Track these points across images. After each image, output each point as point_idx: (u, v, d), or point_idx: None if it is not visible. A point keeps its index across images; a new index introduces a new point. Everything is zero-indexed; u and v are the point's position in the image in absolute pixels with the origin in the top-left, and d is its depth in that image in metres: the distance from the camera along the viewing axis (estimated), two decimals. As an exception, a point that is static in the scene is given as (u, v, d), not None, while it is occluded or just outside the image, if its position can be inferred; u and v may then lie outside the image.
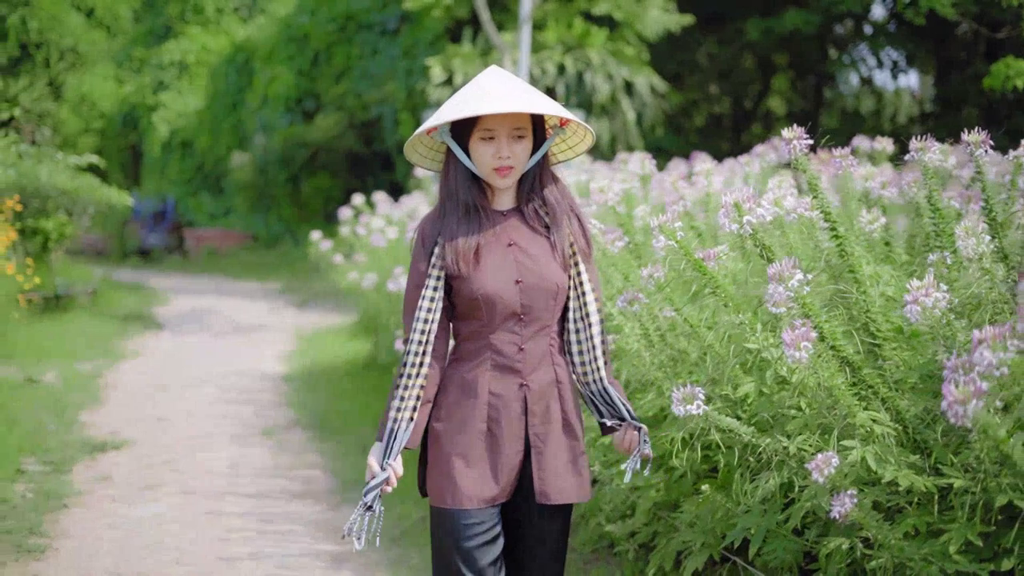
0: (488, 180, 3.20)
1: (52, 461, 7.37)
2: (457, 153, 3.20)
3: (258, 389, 10.40)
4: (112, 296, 17.68)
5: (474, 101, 3.10)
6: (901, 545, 2.88)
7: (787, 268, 3.05)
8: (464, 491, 3.17)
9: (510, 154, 3.14)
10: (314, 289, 18.51)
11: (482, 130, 3.14)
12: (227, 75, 31.40)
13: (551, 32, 19.81)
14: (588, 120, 19.31)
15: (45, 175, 15.53)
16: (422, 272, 3.19)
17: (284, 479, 7.20)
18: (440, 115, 3.15)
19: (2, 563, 5.41)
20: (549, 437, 3.21)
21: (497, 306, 3.17)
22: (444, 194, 3.25)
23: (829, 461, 2.83)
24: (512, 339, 3.20)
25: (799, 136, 3.56)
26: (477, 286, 3.15)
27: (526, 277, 3.18)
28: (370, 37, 25.32)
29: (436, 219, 3.24)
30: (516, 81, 3.21)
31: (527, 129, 3.18)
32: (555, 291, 3.20)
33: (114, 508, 6.48)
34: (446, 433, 3.22)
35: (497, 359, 3.20)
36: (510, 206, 3.27)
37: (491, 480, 3.19)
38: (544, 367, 3.23)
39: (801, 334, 2.90)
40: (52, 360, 11.21)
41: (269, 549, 5.81)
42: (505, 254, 3.20)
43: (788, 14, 20.14)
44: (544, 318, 3.22)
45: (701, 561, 4.06)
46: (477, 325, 3.21)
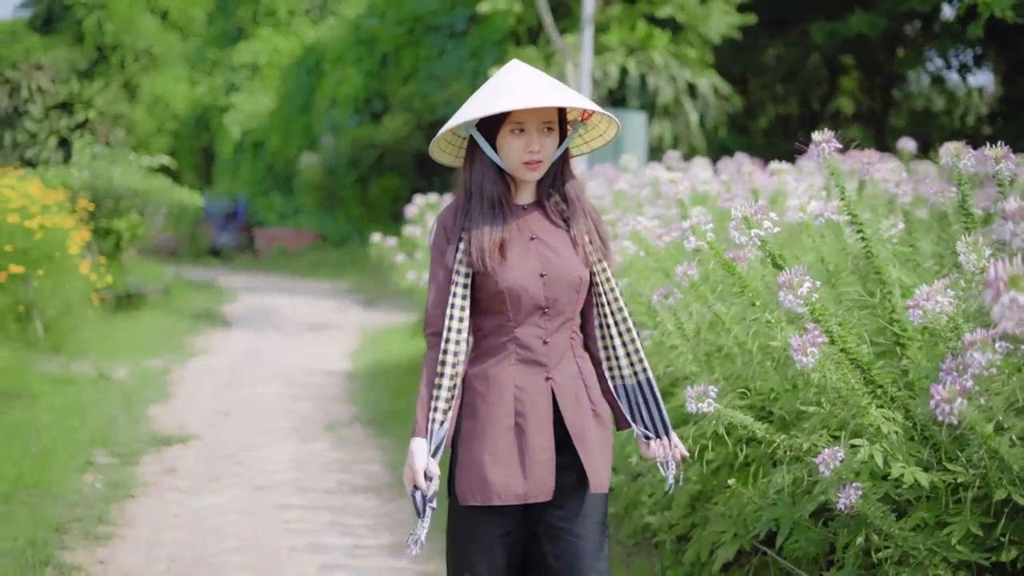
0: (516, 174, 3.21)
1: (121, 453, 7.61)
2: (484, 148, 3.21)
3: (321, 385, 10.63)
4: (183, 294, 18.03)
5: (504, 96, 3.10)
6: (906, 536, 2.98)
7: (796, 276, 3.15)
8: (494, 488, 3.15)
9: (540, 147, 3.16)
10: (379, 288, 18.75)
11: (512, 124, 3.15)
12: (298, 76, 31.77)
13: (614, 35, 19.91)
14: (651, 122, 19.40)
15: (118, 176, 15.90)
16: (448, 267, 3.20)
17: (344, 473, 7.39)
18: (470, 110, 3.16)
19: (72, 549, 5.63)
20: (585, 427, 3.21)
21: (522, 300, 3.17)
22: (468, 188, 3.25)
23: (835, 456, 2.95)
24: (537, 332, 3.20)
25: (828, 139, 3.64)
26: (502, 280, 3.16)
27: (550, 270, 3.19)
28: (438, 39, 25.55)
29: (457, 213, 3.25)
30: (541, 75, 3.23)
31: (555, 122, 3.20)
32: (578, 284, 3.21)
33: (179, 499, 6.70)
34: (473, 430, 3.21)
35: (522, 353, 3.20)
36: (530, 200, 3.29)
37: (520, 476, 3.16)
38: (567, 360, 3.24)
39: (808, 339, 3.01)
40: (123, 357, 11.51)
41: (328, 540, 5.99)
42: (528, 247, 3.21)
43: (853, 17, 20.08)
44: (567, 311, 3.23)
45: (732, 552, 4.17)
46: (501, 319, 3.20)
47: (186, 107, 37.78)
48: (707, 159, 7.06)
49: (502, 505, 3.18)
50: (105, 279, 13.42)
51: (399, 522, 6.29)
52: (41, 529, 5.74)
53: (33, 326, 11.19)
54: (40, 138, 20.45)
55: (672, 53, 20.10)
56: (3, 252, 10.60)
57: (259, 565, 5.57)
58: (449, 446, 3.25)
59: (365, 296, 19.05)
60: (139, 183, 16.11)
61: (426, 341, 3.24)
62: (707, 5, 20.22)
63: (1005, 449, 2.75)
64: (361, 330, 14.63)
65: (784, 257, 3.62)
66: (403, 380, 10.47)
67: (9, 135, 21.05)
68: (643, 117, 16.56)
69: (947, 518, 3.07)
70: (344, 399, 9.94)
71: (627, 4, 20.54)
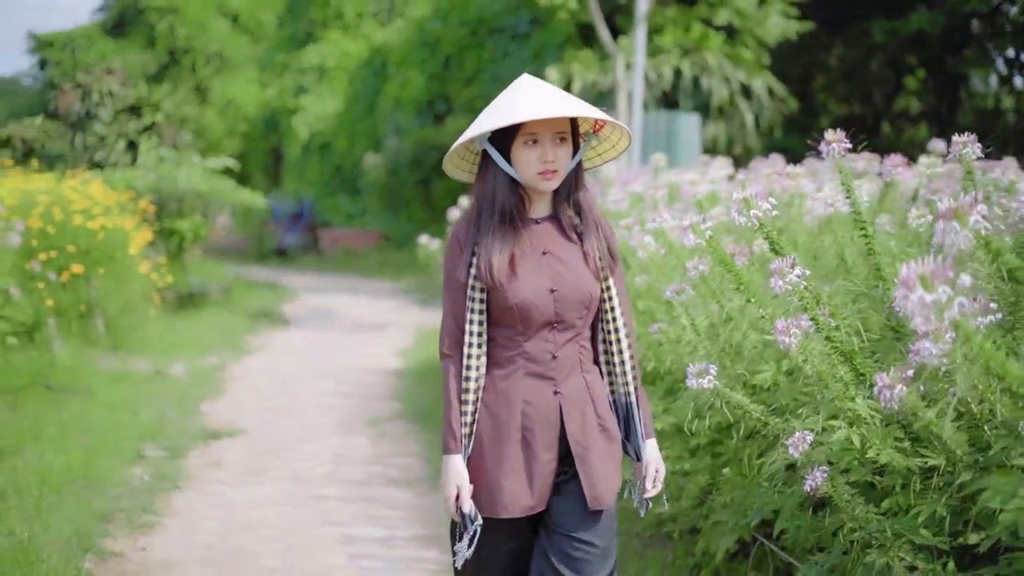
0: (532, 184, 3.21)
1: (170, 447, 7.87)
2: (498, 160, 3.21)
3: (370, 383, 10.86)
4: (244, 294, 18.37)
5: (517, 108, 3.12)
6: (870, 518, 3.11)
7: (786, 264, 3.29)
8: (501, 500, 3.19)
9: (554, 157, 3.17)
10: (436, 288, 18.97)
11: (526, 135, 3.16)
12: (364, 79, 32.10)
13: (669, 36, 20.00)
14: (705, 123, 19.47)
15: (183, 178, 16.25)
16: (462, 281, 3.22)
17: (382, 466, 7.61)
18: (482, 124, 3.17)
19: (114, 537, 5.89)
20: (590, 443, 3.23)
21: (532, 314, 3.18)
22: (481, 202, 3.25)
23: (804, 439, 3.08)
24: (546, 347, 3.22)
25: (839, 139, 3.76)
26: (512, 295, 3.17)
27: (560, 286, 3.20)
28: (500, 41, 25.74)
29: (470, 226, 3.26)
30: (552, 87, 3.24)
31: (568, 132, 3.22)
32: (588, 300, 3.23)
33: (222, 491, 6.94)
34: (481, 442, 3.23)
35: (530, 367, 3.22)
36: (545, 214, 3.30)
37: (527, 489, 3.20)
38: (575, 375, 3.26)
39: (793, 323, 3.16)
40: (181, 354, 11.82)
41: (360, 531, 6.20)
42: (540, 262, 3.22)
43: (914, 15, 19.99)
44: (577, 326, 3.25)
45: (731, 541, 4.31)
46: (511, 333, 3.22)
47: (256, 109, 38.29)
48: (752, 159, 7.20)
49: (510, 517, 3.23)
50: (166, 279, 13.77)
51: (430, 515, 6.49)
52: (86, 518, 6.00)
53: (94, 324, 11.52)
54: (109, 141, 20.90)
55: (726, 55, 20.14)
56: (66, 252, 10.95)
57: (291, 554, 5.78)
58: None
59: (423, 296, 19.30)
60: (202, 184, 16.46)
61: (442, 355, 3.27)
62: (764, 8, 20.25)
63: (948, 433, 2.88)
64: (416, 329, 14.86)
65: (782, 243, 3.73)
66: (449, 378, 10.65)
67: (80, 138, 21.51)
68: (697, 119, 16.64)
69: (918, 502, 3.19)
70: (390, 396, 10.16)
71: (683, 6, 20.63)
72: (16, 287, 9.10)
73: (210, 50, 40.93)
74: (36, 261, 10.22)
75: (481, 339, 3.21)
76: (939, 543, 2.98)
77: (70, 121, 22.39)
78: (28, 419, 7.78)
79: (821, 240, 4.62)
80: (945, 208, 2.55)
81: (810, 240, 4.77)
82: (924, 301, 2.30)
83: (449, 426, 3.19)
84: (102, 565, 5.46)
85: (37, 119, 23.77)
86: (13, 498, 6.12)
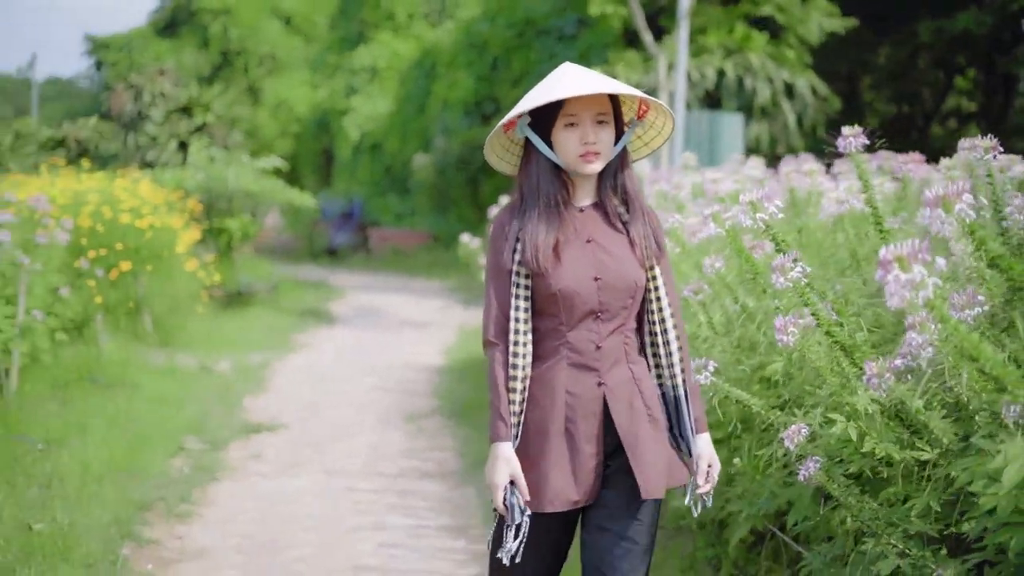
0: (574, 168, 3.17)
1: (211, 440, 8.05)
2: (539, 145, 3.18)
3: (411, 379, 11.02)
4: (292, 292, 18.63)
5: (554, 90, 3.09)
6: (862, 507, 3.19)
7: (788, 261, 3.37)
8: (547, 494, 3.13)
9: (596, 139, 3.13)
10: (480, 287, 19.11)
11: (565, 116, 3.13)
12: (414, 79, 32.32)
13: (712, 36, 20.05)
14: (748, 123, 19.50)
15: (232, 178, 16.49)
16: (506, 269, 3.16)
17: (417, 460, 7.76)
18: (520, 106, 3.15)
19: (152, 525, 6.07)
20: (640, 433, 3.16)
21: (575, 303, 3.13)
22: (524, 189, 3.22)
23: (799, 431, 3.17)
24: (590, 337, 3.16)
25: (856, 134, 3.83)
26: (555, 283, 3.11)
27: (605, 274, 3.15)
28: (548, 42, 25.84)
29: (514, 213, 3.22)
30: (590, 71, 3.21)
31: (609, 115, 3.17)
32: (633, 289, 3.18)
33: (259, 482, 7.11)
34: (524, 433, 3.18)
35: (574, 357, 3.16)
36: (589, 201, 3.26)
37: (572, 482, 3.14)
38: (620, 365, 3.19)
39: (790, 320, 3.25)
40: (227, 351, 12.04)
41: (391, 520, 6.35)
42: (584, 250, 3.17)
43: (961, 15, 19.90)
44: (621, 316, 3.19)
45: (744, 531, 4.40)
46: (555, 322, 3.16)
47: (307, 110, 38.63)
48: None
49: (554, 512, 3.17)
50: (214, 277, 14.01)
51: (459, 507, 6.64)
52: (126, 507, 6.17)
53: (142, 321, 11.76)
54: (161, 141, 21.22)
55: (770, 55, 20.15)
56: (115, 250, 11.18)
57: (323, 542, 5.94)
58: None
59: (468, 295, 19.46)
60: (251, 184, 16.70)
61: (487, 344, 3.20)
62: (807, 6, 20.25)
63: (935, 423, 2.96)
64: (460, 328, 15.01)
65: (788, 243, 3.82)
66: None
67: (132, 138, 21.86)
68: (739, 119, 16.68)
69: (913, 493, 3.27)
70: (430, 393, 10.31)
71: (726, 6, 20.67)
72: (66, 284, 9.31)
73: (262, 51, 41.37)
74: (85, 259, 10.45)
75: (527, 326, 3.15)
76: (930, 530, 3.06)
77: (123, 121, 22.75)
78: (75, 412, 7.98)
79: (835, 237, 4.70)
80: (932, 196, 2.64)
81: (824, 237, 4.85)
82: (900, 280, 2.40)
83: (497, 413, 3.13)
84: (139, 552, 5.63)
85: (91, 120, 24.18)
86: (57, 487, 6.30)
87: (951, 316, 2.63)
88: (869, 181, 4.02)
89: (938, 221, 2.69)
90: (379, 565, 5.61)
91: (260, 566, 5.56)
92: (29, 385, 8.20)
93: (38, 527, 5.56)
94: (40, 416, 7.64)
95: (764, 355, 4.48)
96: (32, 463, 6.65)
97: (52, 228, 8.76)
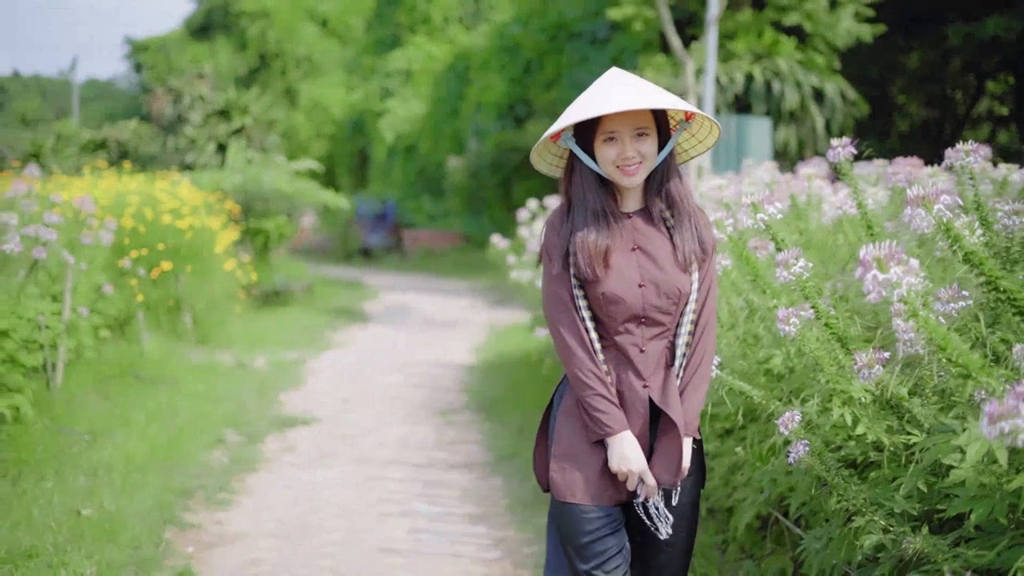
0: (614, 179, 3.22)
1: (248, 433, 8.36)
2: (582, 157, 3.23)
3: (440, 376, 11.33)
4: (327, 292, 18.97)
5: (593, 105, 3.13)
6: (848, 487, 3.44)
7: (791, 257, 3.62)
8: (594, 489, 3.24)
9: (634, 153, 3.16)
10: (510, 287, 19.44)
11: (604, 132, 3.17)
12: (448, 82, 32.64)
13: (741, 42, 20.25)
14: (776, 128, 19.69)
15: (268, 179, 16.82)
16: (563, 275, 3.25)
17: (445, 452, 8.06)
18: (560, 121, 3.20)
19: (193, 511, 6.38)
20: (675, 436, 3.25)
21: (620, 308, 3.20)
22: (571, 199, 3.27)
23: (792, 418, 3.42)
24: (633, 340, 3.23)
25: (843, 145, 4.08)
26: (601, 288, 3.19)
27: (649, 281, 3.21)
28: (580, 45, 26.10)
29: (565, 218, 3.28)
30: (636, 81, 3.22)
31: (650, 128, 3.20)
32: (677, 295, 3.23)
33: (293, 472, 7.41)
34: (574, 430, 3.27)
35: (620, 359, 3.25)
36: (636, 207, 3.30)
37: (617, 479, 3.25)
38: (661, 368, 3.27)
39: (793, 311, 3.50)
40: (264, 348, 12.38)
41: (419, 508, 6.64)
42: (629, 257, 3.22)
43: (989, 20, 20.02)
44: (665, 322, 3.25)
45: (750, 516, 4.66)
46: (601, 327, 3.26)
47: (343, 112, 38.99)
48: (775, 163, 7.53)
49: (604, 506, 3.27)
50: (251, 276, 14.35)
51: (485, 496, 6.93)
52: (168, 494, 6.50)
53: (182, 319, 12.10)
54: (199, 143, 21.61)
55: (798, 60, 20.34)
56: (156, 250, 11.53)
57: (354, 527, 6.24)
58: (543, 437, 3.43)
59: (499, 295, 19.75)
60: (287, 186, 17.04)
61: (562, 344, 3.26)
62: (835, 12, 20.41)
63: (917, 408, 3.22)
64: (489, 327, 15.31)
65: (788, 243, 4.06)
66: (515, 372, 11.08)
67: (171, 140, 22.28)
68: (767, 123, 16.87)
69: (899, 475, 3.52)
70: (459, 389, 10.61)
71: (755, 11, 20.86)
72: (109, 283, 9.64)
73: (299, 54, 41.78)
74: (127, 258, 10.77)
75: (592, 324, 3.25)
76: (911, 509, 3.31)
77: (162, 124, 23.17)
78: (118, 406, 8.30)
79: (835, 238, 4.96)
80: (913, 195, 2.91)
81: (825, 238, 5.11)
82: (877, 279, 2.67)
83: (605, 403, 3.19)
84: (181, 535, 5.94)
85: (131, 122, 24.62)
86: (103, 475, 6.62)
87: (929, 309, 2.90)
88: (858, 188, 4.27)
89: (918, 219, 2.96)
90: (407, 549, 5.91)
91: (295, 549, 5.86)
92: (73, 380, 8.51)
93: (86, 512, 5.88)
94: (84, 409, 7.96)
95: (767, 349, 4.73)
96: (78, 454, 6.97)
97: (96, 229, 9.09)
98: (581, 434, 3.27)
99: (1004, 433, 2.14)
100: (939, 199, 2.96)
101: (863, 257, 2.74)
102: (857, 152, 4.10)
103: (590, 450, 3.25)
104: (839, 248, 4.86)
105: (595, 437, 3.23)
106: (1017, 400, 2.12)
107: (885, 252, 2.75)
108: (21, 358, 7.00)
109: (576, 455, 3.27)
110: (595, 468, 3.24)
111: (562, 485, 3.27)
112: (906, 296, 2.77)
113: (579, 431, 3.27)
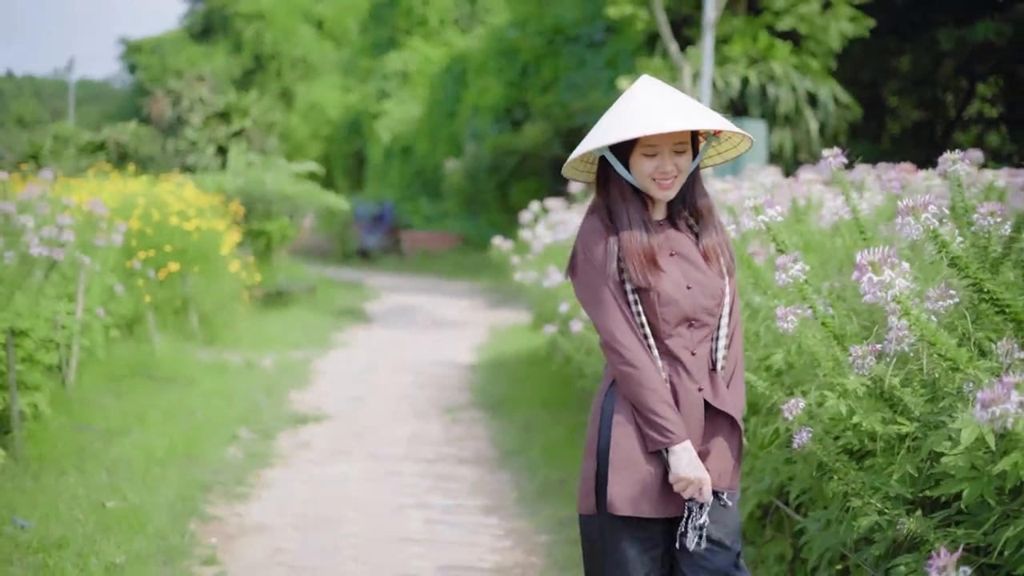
0: (648, 191, 3.23)
1: (262, 430, 8.61)
2: (619, 170, 3.23)
3: (446, 375, 11.60)
4: (329, 292, 19.21)
5: (633, 118, 3.14)
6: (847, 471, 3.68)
7: (789, 260, 3.86)
8: (651, 499, 3.20)
9: (672, 168, 3.18)
10: (511, 288, 19.68)
11: (644, 146, 3.17)
12: (445, 85, 32.84)
13: (736, 46, 20.50)
14: (771, 131, 19.93)
15: (270, 181, 17.05)
16: (619, 284, 3.22)
17: (454, 448, 8.32)
18: (598, 137, 3.19)
19: (214, 504, 6.63)
20: (727, 437, 3.30)
21: (672, 311, 3.19)
22: (611, 205, 3.27)
23: (797, 405, 3.66)
24: (684, 343, 3.22)
25: (835, 155, 4.33)
26: (656, 291, 3.18)
27: (694, 283, 3.23)
28: (576, 49, 26.35)
29: (606, 226, 3.26)
30: (672, 93, 3.24)
31: (688, 143, 3.22)
32: (720, 295, 3.26)
33: (309, 468, 7.66)
34: (631, 439, 3.22)
35: (674, 363, 3.23)
36: (662, 216, 3.31)
37: (672, 490, 3.20)
38: (707, 372, 3.28)
39: (791, 310, 3.75)
40: (270, 348, 12.64)
41: (432, 500, 6.90)
42: (670, 262, 3.23)
43: (980, 24, 20.26)
44: (710, 323, 3.26)
45: (752, 505, 4.91)
46: (652, 331, 3.22)
47: (339, 114, 39.16)
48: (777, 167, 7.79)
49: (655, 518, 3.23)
50: (255, 277, 14.58)
51: (495, 489, 7.20)
52: (189, 488, 6.73)
53: (190, 319, 12.33)
54: (200, 146, 21.83)
55: (793, 64, 20.59)
56: (164, 251, 11.76)
57: (371, 519, 6.49)
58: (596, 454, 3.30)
59: (499, 296, 20.01)
60: (289, 188, 17.27)
61: (613, 350, 3.22)
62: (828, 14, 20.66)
63: (907, 396, 3.48)
64: (490, 327, 15.57)
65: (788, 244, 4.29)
66: (519, 371, 11.35)
67: (172, 143, 22.49)
68: (763, 126, 17.12)
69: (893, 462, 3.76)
70: (464, 387, 10.88)
71: (750, 16, 21.12)
72: (119, 283, 9.85)
73: (295, 55, 41.95)
74: (136, 259, 10.99)
75: (645, 329, 3.22)
76: (906, 493, 3.56)
77: (162, 126, 23.39)
78: (132, 404, 8.53)
79: (834, 241, 5.21)
80: (904, 206, 3.17)
81: (824, 240, 5.36)
82: (872, 281, 2.93)
83: (668, 410, 3.17)
84: (204, 527, 6.18)
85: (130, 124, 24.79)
86: (124, 471, 6.85)
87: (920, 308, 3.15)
88: (850, 195, 4.53)
89: (908, 227, 3.21)
90: (425, 538, 6.16)
91: (315, 540, 6.10)
92: (86, 379, 8.73)
93: (111, 505, 6.11)
94: (99, 407, 8.19)
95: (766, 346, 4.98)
96: (97, 450, 7.21)
97: (107, 230, 9.30)
98: (638, 444, 3.20)
99: (995, 417, 2.37)
100: (927, 209, 3.22)
101: (859, 261, 3.00)
102: (848, 161, 4.34)
103: (647, 459, 3.20)
104: (837, 250, 5.11)
105: (656, 446, 3.18)
106: (1006, 387, 2.36)
107: (879, 256, 3.01)
108: (39, 357, 7.21)
109: (636, 465, 3.20)
110: (656, 478, 3.19)
111: (620, 498, 3.21)
112: (899, 296, 3.02)
113: (637, 440, 3.21)
